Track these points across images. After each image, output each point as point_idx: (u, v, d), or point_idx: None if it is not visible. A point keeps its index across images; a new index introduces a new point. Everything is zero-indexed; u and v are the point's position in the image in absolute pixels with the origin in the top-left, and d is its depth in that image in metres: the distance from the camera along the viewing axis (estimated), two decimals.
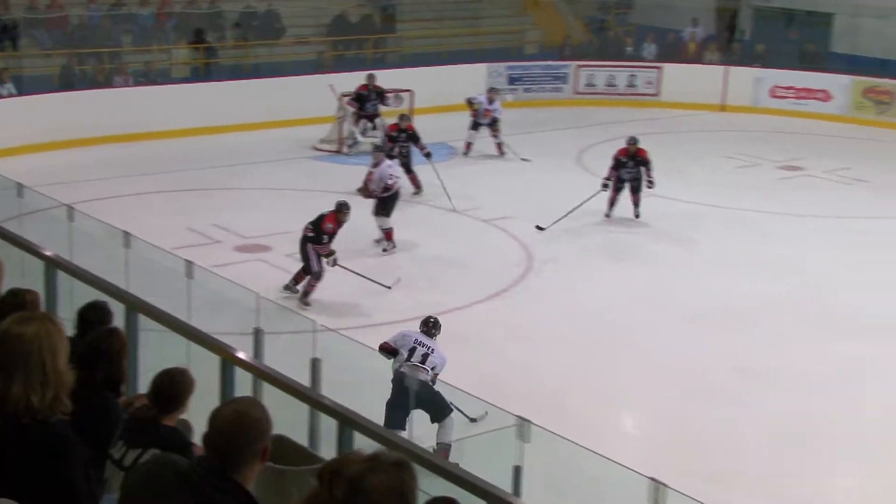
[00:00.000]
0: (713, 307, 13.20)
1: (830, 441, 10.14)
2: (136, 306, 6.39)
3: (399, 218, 15.56)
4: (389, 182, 15.09)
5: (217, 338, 5.98)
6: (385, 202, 15.03)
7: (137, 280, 8.90)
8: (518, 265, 14.42)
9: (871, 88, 23.99)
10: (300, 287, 12.93)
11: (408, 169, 17.53)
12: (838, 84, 24.28)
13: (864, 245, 15.80)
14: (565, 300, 13.37)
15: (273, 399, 5.35)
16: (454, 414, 8.89)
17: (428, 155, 17.51)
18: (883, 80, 23.95)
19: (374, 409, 6.26)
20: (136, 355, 6.11)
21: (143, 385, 5.28)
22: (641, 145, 16.82)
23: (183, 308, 8.40)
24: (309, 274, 12.90)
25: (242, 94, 21.62)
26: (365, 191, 15.19)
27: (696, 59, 26.25)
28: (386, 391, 8.91)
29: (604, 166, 19.53)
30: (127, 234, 10.08)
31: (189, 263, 9.30)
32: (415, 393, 8.71)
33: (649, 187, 16.51)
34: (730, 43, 27.21)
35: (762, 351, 11.98)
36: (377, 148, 16.94)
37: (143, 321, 6.37)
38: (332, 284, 13.47)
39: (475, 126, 20.27)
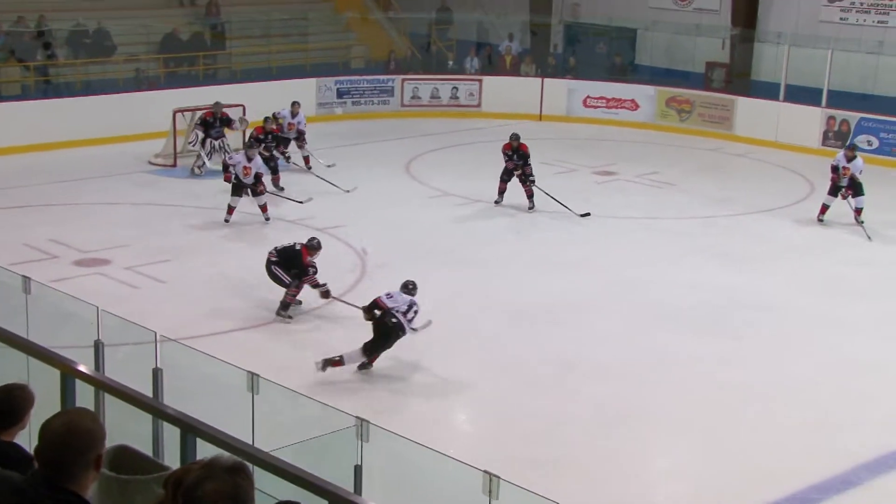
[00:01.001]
0: (535, 304, 13.41)
1: (653, 425, 10.42)
2: None
3: (232, 227, 15.32)
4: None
5: (57, 352, 5.75)
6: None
7: None
8: (352, 271, 14.37)
9: (673, 98, 24.81)
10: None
11: (274, 170, 18.28)
12: (644, 94, 25.04)
13: (677, 242, 16.29)
14: None
15: (116, 410, 5.19)
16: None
17: (287, 158, 18.82)
18: (683, 90, 24.80)
19: (217, 417, 6.13)
20: None
21: None
22: (517, 141, 17.73)
23: (21, 324, 8.09)
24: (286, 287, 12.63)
25: (75, 111, 20.98)
26: (259, 186, 16.34)
27: (514, 71, 26.70)
28: (226, 400, 8.73)
29: (432, 175, 19.74)
30: None
31: (26, 279, 8.95)
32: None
33: (530, 182, 17.56)
34: (544, 56, 27.77)
35: (584, 344, 12.22)
36: (250, 144, 17.49)
37: None
38: (173, 296, 13.19)
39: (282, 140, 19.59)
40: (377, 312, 11.33)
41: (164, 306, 12.72)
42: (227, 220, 16.35)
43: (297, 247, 12.75)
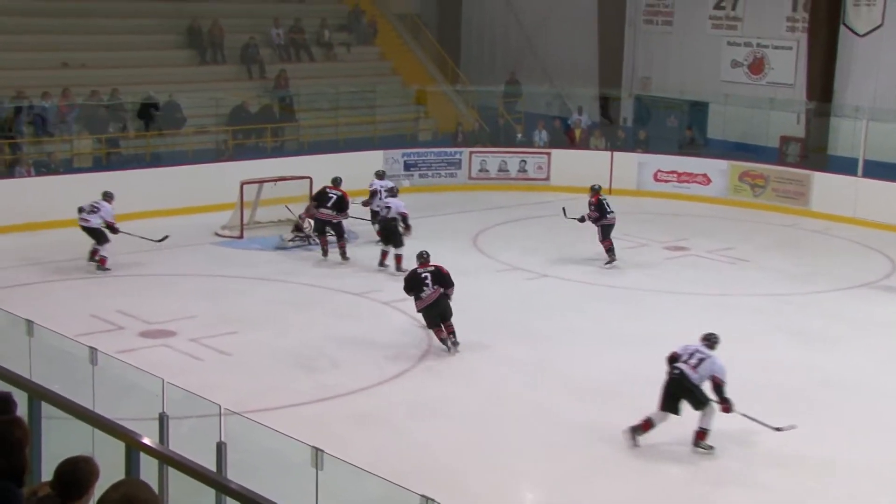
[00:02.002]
0: (602, 381, 13.26)
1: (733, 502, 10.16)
2: (38, 394, 6.20)
3: (297, 299, 15.43)
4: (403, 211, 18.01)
5: (122, 423, 5.80)
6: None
7: (41, 368, 8.64)
8: (417, 346, 14.36)
9: (746, 172, 24.66)
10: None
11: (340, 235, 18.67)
12: (716, 168, 24.91)
13: (750, 319, 16.07)
14: (464, 378, 13.33)
15: (180, 484, 5.20)
16: None
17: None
18: (757, 165, 24.64)
19: (280, 492, 6.15)
20: (39, 444, 5.89)
21: (47, 474, 5.08)
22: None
23: (87, 395, 8.17)
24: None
25: (144, 183, 21.38)
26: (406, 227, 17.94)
27: (583, 145, 26.75)
28: (290, 475, 8.70)
29: (499, 248, 19.75)
30: (29, 323, 9.80)
31: (93, 350, 9.07)
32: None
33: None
34: (614, 130, 27.81)
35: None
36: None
37: (47, 409, 6.17)
38: (238, 369, 13.28)
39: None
40: None
41: (228, 379, 12.80)
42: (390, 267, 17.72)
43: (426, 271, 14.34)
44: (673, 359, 11.53)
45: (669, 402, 11.29)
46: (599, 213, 18.83)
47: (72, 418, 6.01)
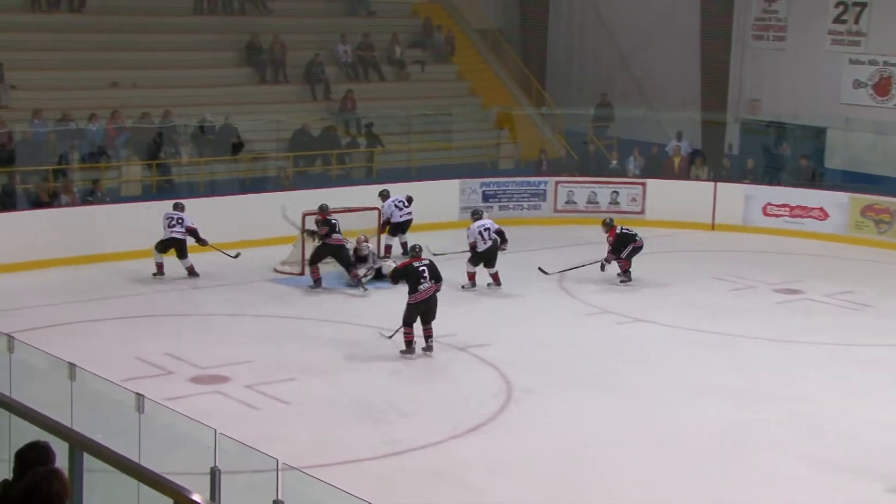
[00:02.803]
0: (700, 438, 13.12)
1: None
2: (80, 444, 6.30)
3: (363, 342, 15.54)
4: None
5: (170, 478, 5.87)
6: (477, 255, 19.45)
7: (83, 416, 8.78)
8: (496, 396, 14.35)
9: (870, 206, 24.30)
10: None
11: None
12: (835, 202, 24.58)
13: (873, 373, 15.81)
14: (546, 433, 13.28)
15: None
16: None
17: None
18: (883, 198, 24.26)
19: None
20: (80, 498, 5.99)
21: None
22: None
23: (132, 446, 8.29)
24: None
25: (196, 213, 21.60)
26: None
27: (682, 174, 26.61)
28: None
29: (588, 289, 19.70)
30: (71, 366, 9.97)
31: (139, 397, 9.20)
32: None
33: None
34: (717, 158, 27.61)
35: (757, 489, 11.87)
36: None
37: (89, 461, 6.27)
38: (297, 420, 13.37)
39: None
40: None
41: (286, 430, 12.89)
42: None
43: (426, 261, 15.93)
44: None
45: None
46: (624, 245, 20.02)
47: (116, 471, 6.09)
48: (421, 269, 15.76)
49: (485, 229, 19.63)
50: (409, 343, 15.61)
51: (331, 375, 15.03)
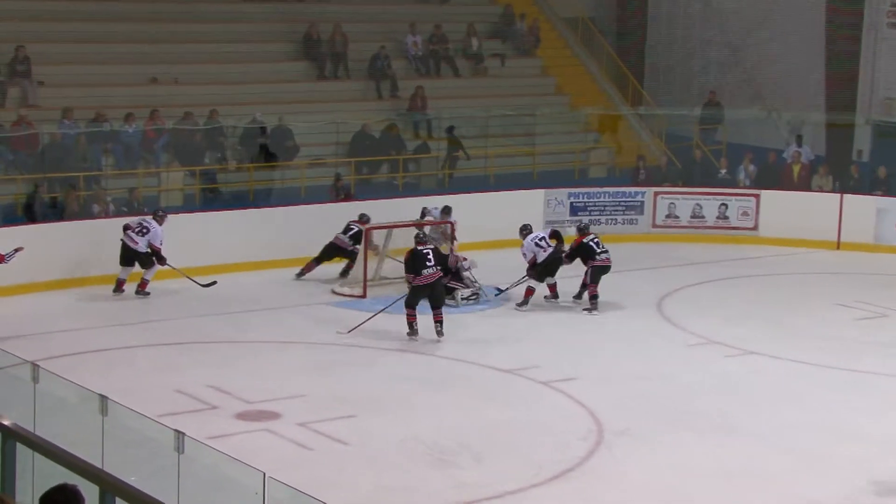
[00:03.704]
0: (828, 493, 12.98)
1: None
2: (112, 487, 6.38)
3: (432, 376, 15.59)
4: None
5: None
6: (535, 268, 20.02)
7: (116, 455, 8.88)
8: (585, 438, 14.31)
9: None
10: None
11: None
12: None
13: None
14: (641, 482, 13.22)
15: None
16: None
17: None
18: None
19: None
20: None
21: None
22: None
23: (171, 490, 8.37)
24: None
25: (245, 226, 21.84)
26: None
27: (803, 185, 26.37)
28: None
29: (691, 317, 19.59)
30: (103, 399, 10.09)
31: (178, 434, 9.29)
32: None
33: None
34: (844, 165, 27.33)
35: None
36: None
37: None
38: (357, 463, 13.43)
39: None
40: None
41: (344, 475, 12.93)
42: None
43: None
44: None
45: None
46: (583, 257, 20.12)
47: None
48: (426, 252, 18.01)
49: (539, 238, 20.25)
50: (411, 324, 17.94)
51: (395, 411, 15.05)
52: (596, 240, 20.43)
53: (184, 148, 24.08)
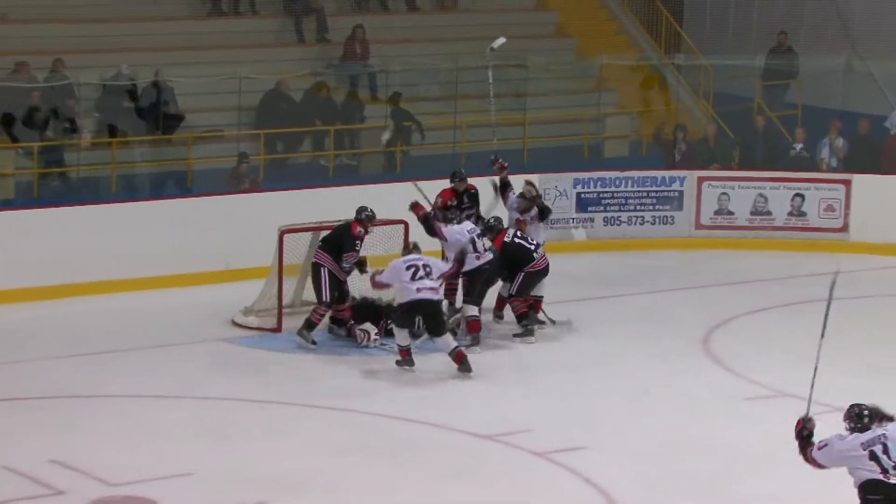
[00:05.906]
0: None
1: None
2: None
3: (377, 444, 15.60)
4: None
5: None
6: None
7: None
8: None
9: None
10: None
11: None
12: None
13: None
14: None
15: None
16: None
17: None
18: None
19: None
20: None
21: None
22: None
23: None
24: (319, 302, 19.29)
25: (102, 229, 21.81)
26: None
27: None
28: None
29: (750, 356, 19.66)
30: None
31: None
32: None
33: None
34: None
35: None
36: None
37: None
38: None
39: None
40: None
41: None
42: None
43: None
44: None
45: None
46: (515, 262, 20.10)
47: None
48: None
49: (473, 233, 20.17)
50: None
51: (323, 499, 15.03)
52: (520, 234, 20.36)
53: (15, 115, 23.95)
